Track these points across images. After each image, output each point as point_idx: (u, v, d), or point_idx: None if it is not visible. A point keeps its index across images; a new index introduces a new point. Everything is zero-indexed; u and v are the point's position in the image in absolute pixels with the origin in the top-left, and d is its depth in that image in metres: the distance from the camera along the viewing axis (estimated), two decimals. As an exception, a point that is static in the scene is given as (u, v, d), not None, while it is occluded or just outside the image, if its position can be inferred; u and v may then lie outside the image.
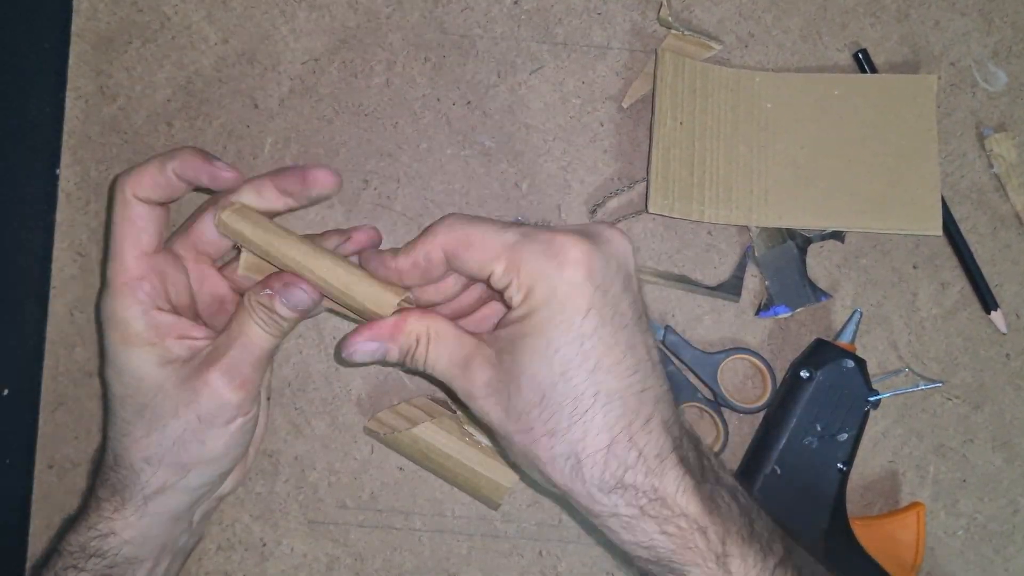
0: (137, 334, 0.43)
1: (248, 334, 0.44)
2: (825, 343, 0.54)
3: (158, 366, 0.43)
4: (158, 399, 0.43)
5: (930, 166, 0.55)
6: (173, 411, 0.43)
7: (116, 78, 0.56)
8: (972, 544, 0.55)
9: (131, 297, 0.43)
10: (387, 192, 0.56)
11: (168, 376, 0.43)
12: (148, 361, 0.43)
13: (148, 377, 0.43)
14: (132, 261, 0.43)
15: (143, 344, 0.43)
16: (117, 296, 0.43)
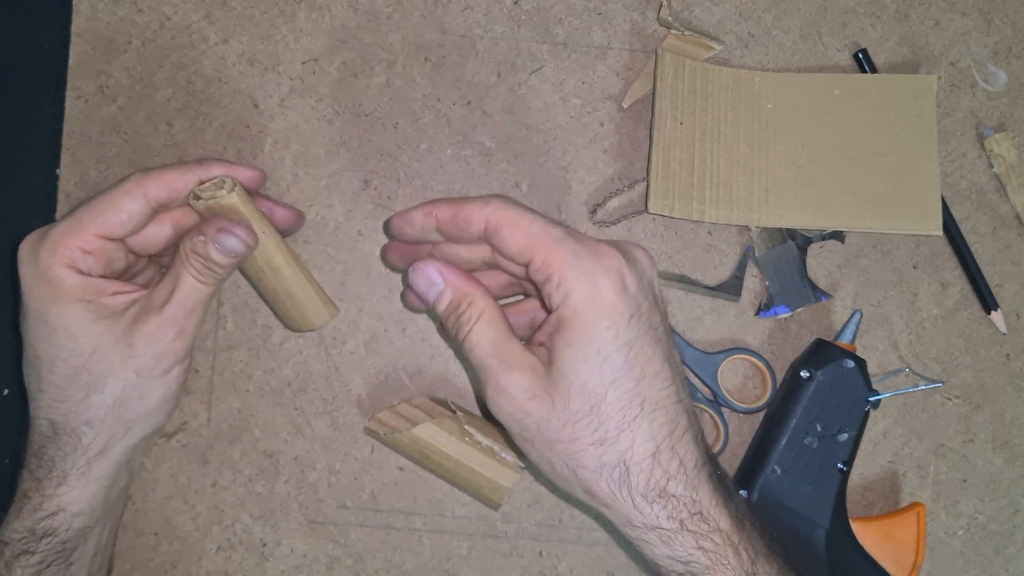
0: (70, 290, 0.42)
1: (184, 284, 0.43)
2: (825, 343, 0.54)
3: (92, 322, 0.42)
4: (94, 359, 0.42)
5: (930, 166, 0.55)
6: (111, 368, 0.43)
7: (116, 78, 0.56)
8: (972, 544, 0.55)
9: (70, 262, 0.42)
10: (387, 192, 0.56)
11: (103, 333, 0.42)
12: (82, 318, 0.42)
13: (82, 335, 0.42)
14: (90, 235, 0.42)
15: (76, 300, 0.42)
16: (55, 254, 0.42)
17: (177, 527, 0.55)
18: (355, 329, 0.56)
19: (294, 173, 0.56)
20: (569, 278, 0.38)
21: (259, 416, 0.55)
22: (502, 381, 0.39)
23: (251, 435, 0.55)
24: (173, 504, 0.55)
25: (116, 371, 0.43)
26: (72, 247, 0.42)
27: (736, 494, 0.42)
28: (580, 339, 0.38)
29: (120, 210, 0.42)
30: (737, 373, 0.56)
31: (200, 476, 0.55)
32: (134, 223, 0.43)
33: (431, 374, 0.56)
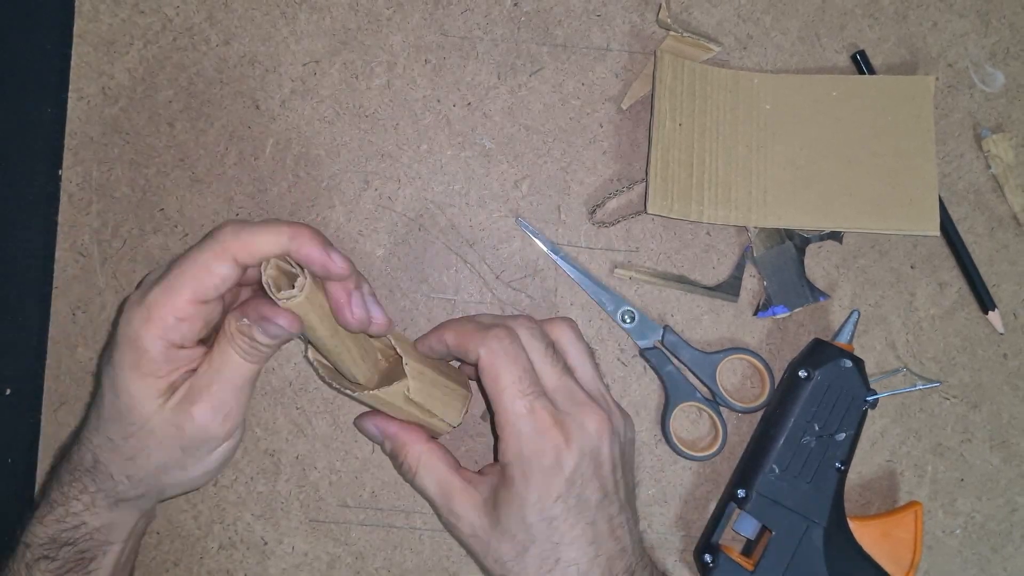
0: (150, 363, 0.42)
1: (229, 364, 0.43)
2: (823, 343, 0.54)
3: (152, 398, 0.43)
4: (144, 431, 0.43)
5: (928, 167, 0.55)
6: (158, 444, 0.44)
7: (118, 79, 0.57)
8: (970, 543, 0.56)
9: (162, 332, 0.42)
10: (388, 192, 0.56)
11: (157, 410, 0.43)
12: (148, 393, 0.43)
13: (141, 407, 0.43)
14: (184, 303, 0.42)
15: (150, 375, 0.43)
16: (149, 325, 0.42)
17: (179, 526, 0.55)
18: (356, 329, 0.56)
19: (295, 174, 0.56)
20: (512, 451, 0.45)
21: (260, 415, 0.56)
22: (450, 517, 0.47)
23: (252, 434, 0.56)
24: (175, 503, 0.55)
25: (162, 446, 0.44)
26: (166, 317, 0.42)
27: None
28: (513, 503, 0.45)
29: (212, 274, 0.42)
30: (735, 373, 0.56)
31: (202, 475, 0.55)
32: (227, 284, 0.42)
33: (431, 374, 0.56)
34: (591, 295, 0.56)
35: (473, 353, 0.46)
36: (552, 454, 0.44)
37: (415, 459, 0.48)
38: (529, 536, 0.45)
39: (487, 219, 0.56)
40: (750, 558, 0.52)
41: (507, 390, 0.45)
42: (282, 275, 0.43)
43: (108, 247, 0.56)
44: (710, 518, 0.55)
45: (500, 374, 0.45)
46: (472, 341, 0.46)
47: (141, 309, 0.42)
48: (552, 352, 0.47)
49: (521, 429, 0.44)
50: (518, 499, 0.45)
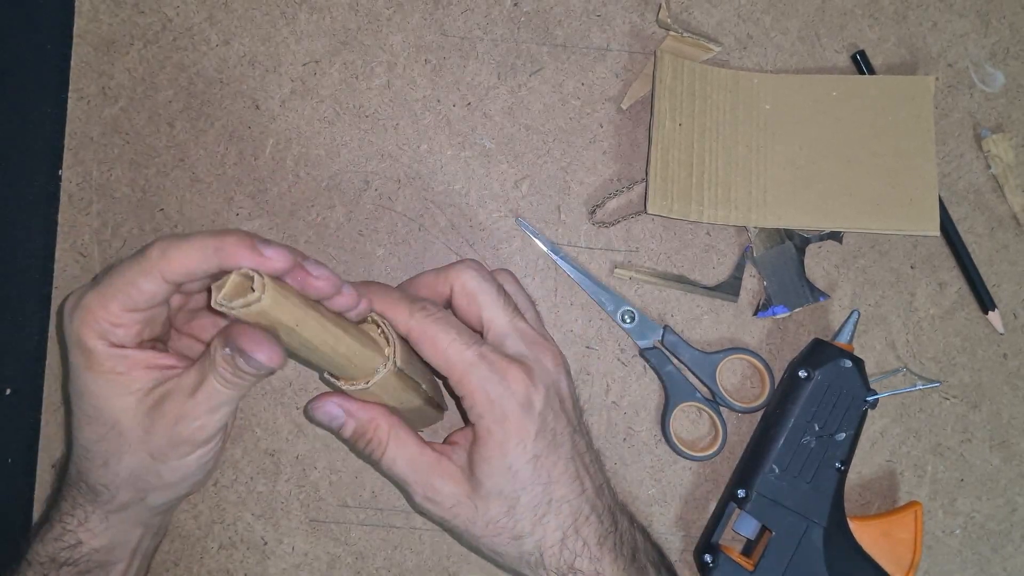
0: (100, 363, 0.41)
1: (208, 390, 0.42)
2: (823, 343, 0.54)
3: (117, 397, 0.42)
4: (112, 433, 0.42)
5: (928, 167, 0.55)
6: (127, 446, 0.42)
7: (118, 79, 0.57)
8: (969, 543, 0.56)
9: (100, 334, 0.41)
10: (388, 193, 0.56)
11: (124, 409, 0.42)
12: (107, 391, 0.42)
13: (105, 408, 0.42)
14: (116, 310, 0.41)
15: (106, 373, 0.41)
16: (85, 327, 0.41)
17: (179, 525, 0.55)
18: (356, 329, 0.56)
19: (295, 174, 0.56)
20: (480, 403, 0.43)
21: (260, 415, 0.56)
22: (428, 493, 0.45)
23: (252, 434, 0.56)
24: (175, 503, 0.55)
25: (132, 449, 0.42)
26: (100, 320, 0.41)
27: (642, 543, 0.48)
28: (493, 455, 0.44)
29: (139, 289, 0.40)
30: (735, 373, 0.56)
31: (202, 475, 0.55)
32: (157, 299, 0.41)
33: (431, 374, 0.56)
34: (591, 295, 0.56)
35: (403, 325, 0.44)
36: (521, 392, 0.44)
37: (384, 435, 0.45)
38: (517, 484, 0.44)
39: (487, 219, 0.56)
40: (750, 558, 0.52)
41: (449, 347, 0.43)
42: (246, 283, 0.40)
43: (108, 247, 0.56)
44: (710, 518, 0.55)
45: (437, 337, 0.44)
46: (399, 313, 0.44)
47: (79, 311, 0.41)
48: (504, 294, 0.46)
49: (481, 376, 0.43)
50: (499, 449, 0.43)
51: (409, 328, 0.44)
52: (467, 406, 0.44)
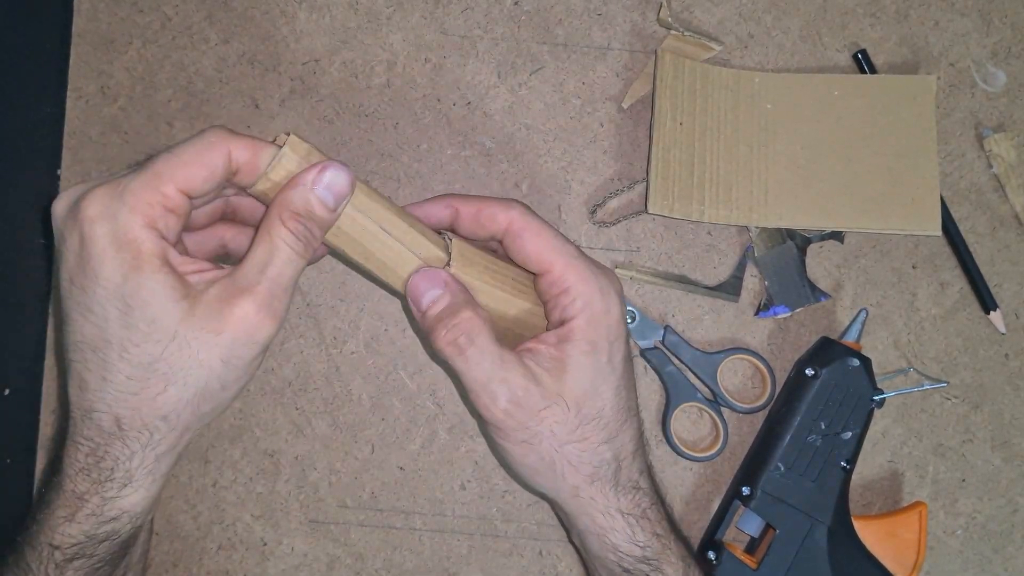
0: (151, 257, 0.36)
1: (279, 256, 0.38)
2: (831, 341, 0.54)
3: (174, 301, 0.37)
4: (173, 346, 0.37)
5: (929, 166, 0.55)
6: (195, 358, 0.37)
7: (117, 78, 0.56)
8: (971, 543, 0.56)
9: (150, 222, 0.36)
10: (387, 192, 0.56)
11: (184, 315, 0.37)
12: (164, 294, 0.36)
13: (163, 316, 0.37)
14: (172, 191, 0.37)
15: (158, 270, 0.36)
16: (135, 212, 0.36)
17: (178, 526, 0.55)
18: (355, 329, 0.56)
19: (295, 173, 0.56)
20: (586, 294, 0.42)
21: (260, 416, 0.55)
22: (516, 396, 0.41)
23: (252, 435, 0.55)
24: (174, 503, 0.55)
25: (201, 361, 0.37)
26: (154, 203, 0.36)
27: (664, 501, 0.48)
28: (596, 350, 0.42)
29: (204, 164, 0.37)
30: (736, 373, 0.56)
31: (201, 475, 0.55)
32: (215, 182, 0.38)
33: (431, 374, 0.56)
34: (592, 295, 0.56)
35: (501, 217, 0.43)
36: (618, 291, 0.43)
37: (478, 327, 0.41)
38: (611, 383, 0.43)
39: (487, 219, 0.56)
40: (754, 556, 0.52)
41: (554, 240, 0.43)
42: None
43: (107, 247, 0.56)
44: (714, 515, 0.55)
45: (542, 230, 0.43)
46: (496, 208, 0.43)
47: (125, 196, 0.36)
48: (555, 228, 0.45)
49: (586, 268, 0.43)
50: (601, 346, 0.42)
51: (510, 220, 0.43)
52: (568, 299, 0.42)
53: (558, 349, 0.42)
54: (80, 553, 0.40)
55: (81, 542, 0.40)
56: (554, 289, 0.43)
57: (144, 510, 0.41)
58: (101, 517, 0.39)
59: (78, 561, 0.40)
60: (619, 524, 0.44)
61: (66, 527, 0.39)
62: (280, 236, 0.38)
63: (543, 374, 0.42)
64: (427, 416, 0.56)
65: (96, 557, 0.40)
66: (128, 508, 0.40)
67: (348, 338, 0.56)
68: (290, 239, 0.38)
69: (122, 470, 0.39)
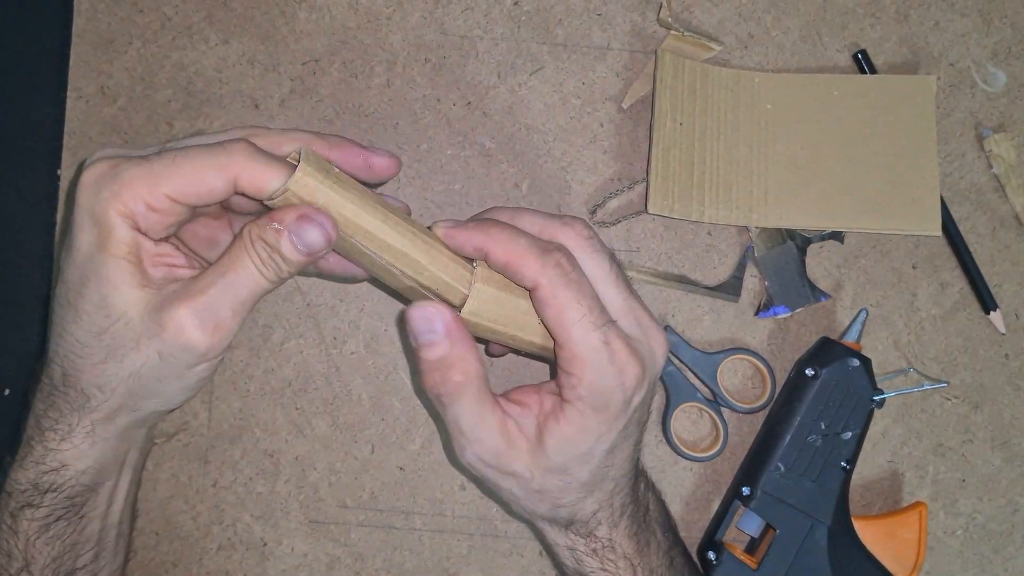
0: (117, 243, 0.37)
1: (239, 273, 0.38)
2: (831, 341, 0.54)
3: (129, 286, 0.38)
4: (119, 324, 0.38)
5: (929, 167, 0.55)
6: (134, 342, 0.38)
7: (117, 79, 0.56)
8: (971, 543, 0.56)
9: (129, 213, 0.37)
10: (387, 192, 0.56)
11: (136, 301, 0.38)
12: (119, 278, 0.38)
13: (115, 296, 0.38)
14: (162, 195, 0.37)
15: (120, 256, 0.38)
16: (116, 199, 0.37)
17: (178, 526, 0.55)
18: (355, 329, 0.56)
19: (295, 173, 0.56)
20: (586, 387, 0.40)
21: (260, 416, 0.55)
22: (484, 455, 0.42)
23: (252, 435, 0.55)
24: (174, 504, 0.55)
25: (139, 346, 0.38)
26: (137, 199, 0.37)
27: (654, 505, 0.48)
28: (578, 436, 0.41)
29: (203, 183, 0.37)
30: (736, 373, 0.56)
31: (201, 476, 0.55)
32: (213, 198, 0.38)
33: (431, 374, 0.56)
34: (592, 295, 0.55)
35: (529, 280, 0.40)
36: (631, 389, 0.41)
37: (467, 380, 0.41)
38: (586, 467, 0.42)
39: (487, 219, 0.56)
40: (754, 556, 0.52)
41: (577, 324, 0.39)
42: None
43: (107, 247, 0.56)
44: (714, 515, 0.55)
45: (567, 307, 0.39)
46: (527, 266, 0.40)
47: (113, 182, 0.37)
48: (616, 269, 0.43)
49: (599, 365, 0.40)
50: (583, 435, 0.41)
51: (537, 285, 0.40)
52: (569, 383, 0.41)
53: (545, 421, 0.42)
54: (28, 502, 0.42)
55: (27, 489, 0.42)
56: (562, 363, 0.41)
57: (87, 469, 0.42)
58: (43, 466, 0.41)
59: (28, 510, 0.42)
60: (565, 553, 0.45)
61: (17, 472, 0.42)
62: (245, 253, 0.38)
63: (520, 441, 0.42)
64: (427, 416, 0.56)
65: (44, 508, 0.42)
66: (68, 462, 0.41)
67: (348, 338, 0.56)
68: (255, 260, 0.38)
69: (64, 423, 0.41)
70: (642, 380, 0.41)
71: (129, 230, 0.38)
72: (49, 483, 0.42)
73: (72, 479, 0.42)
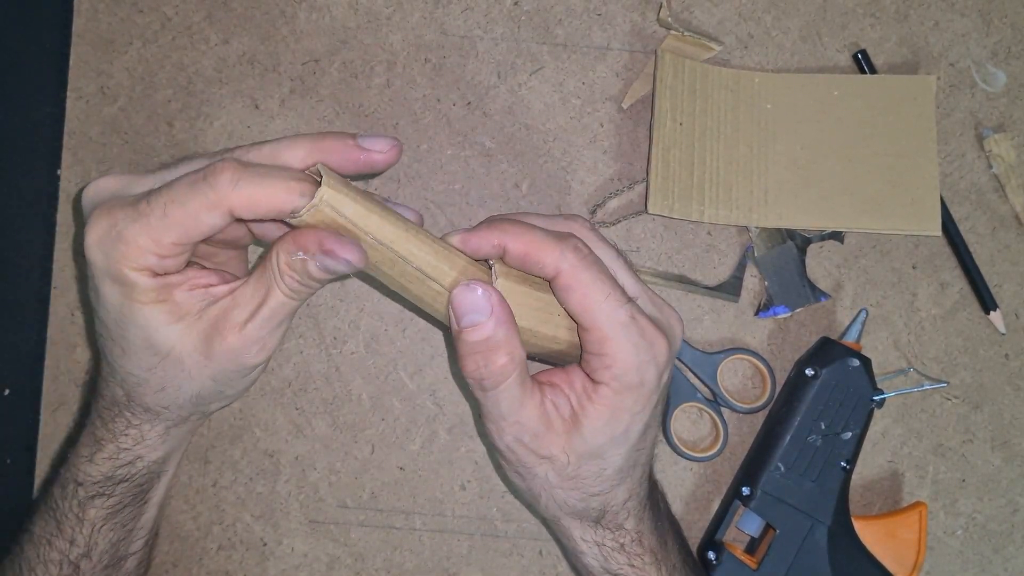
0: (145, 294, 0.38)
1: (272, 302, 0.39)
2: (831, 341, 0.54)
3: (168, 324, 0.38)
4: (169, 361, 0.39)
5: (929, 167, 0.55)
6: (187, 373, 0.40)
7: (117, 79, 0.56)
8: (971, 543, 0.56)
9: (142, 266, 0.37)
10: (387, 192, 0.56)
11: (179, 337, 0.39)
12: (157, 320, 0.38)
13: (157, 337, 0.39)
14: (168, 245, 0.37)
15: (150, 303, 0.38)
16: (127, 259, 0.37)
17: (178, 526, 0.55)
18: (355, 329, 0.56)
19: (295, 173, 0.56)
20: (621, 365, 0.40)
21: (260, 416, 0.55)
22: (522, 437, 0.41)
23: (252, 435, 0.55)
24: (174, 503, 0.55)
25: (192, 377, 0.40)
26: (146, 255, 0.37)
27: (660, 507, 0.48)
28: (615, 416, 0.41)
29: (201, 223, 0.37)
30: (736, 373, 0.56)
31: (201, 476, 0.55)
32: (216, 231, 0.37)
33: (431, 374, 0.56)
34: (592, 295, 0.55)
35: (550, 267, 0.40)
36: (663, 363, 0.41)
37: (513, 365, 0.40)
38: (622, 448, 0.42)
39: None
40: (754, 556, 0.52)
41: (603, 303, 0.39)
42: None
43: (107, 247, 0.56)
44: (714, 515, 0.55)
45: (591, 288, 0.39)
46: (546, 253, 0.40)
47: (119, 244, 0.37)
48: (623, 258, 0.43)
49: (631, 340, 0.40)
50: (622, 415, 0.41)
51: (559, 271, 0.40)
52: (602, 364, 0.40)
53: (579, 403, 0.41)
54: (101, 492, 0.43)
55: (100, 481, 0.43)
56: (592, 347, 0.41)
57: (159, 459, 0.45)
58: (118, 460, 0.43)
59: (99, 499, 0.44)
60: (593, 551, 0.45)
61: (88, 466, 0.43)
62: (276, 280, 0.38)
63: (557, 422, 0.41)
64: (427, 416, 0.56)
65: (115, 497, 0.44)
66: (143, 455, 0.44)
67: (348, 338, 0.56)
68: (285, 288, 0.38)
69: (135, 429, 0.43)
70: (668, 356, 0.42)
71: (150, 279, 0.38)
72: (123, 475, 0.44)
73: (144, 469, 0.44)
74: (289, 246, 0.37)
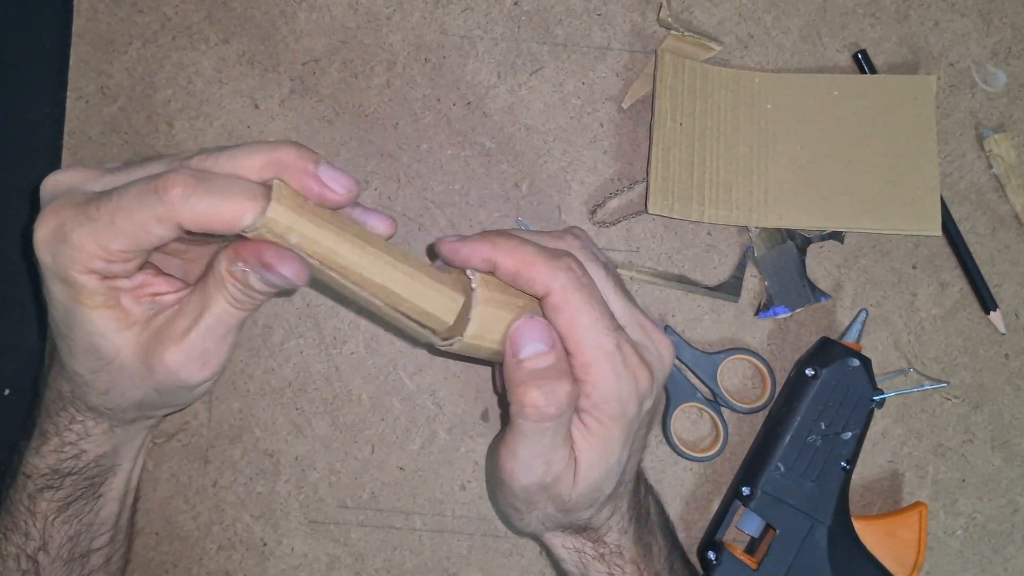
0: (92, 297, 0.37)
1: (215, 309, 0.37)
2: (831, 341, 0.54)
3: (114, 331, 0.38)
4: (113, 367, 0.38)
5: (929, 167, 0.55)
6: (131, 380, 0.39)
7: (116, 79, 0.56)
8: (971, 543, 0.56)
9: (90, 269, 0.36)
10: (387, 192, 0.56)
11: (124, 344, 0.38)
12: (103, 326, 0.37)
13: (103, 342, 0.38)
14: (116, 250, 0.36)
15: (97, 307, 0.37)
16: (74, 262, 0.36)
17: (178, 526, 0.55)
18: (355, 329, 0.56)
19: (294, 173, 0.56)
20: (602, 394, 0.40)
21: (260, 416, 0.55)
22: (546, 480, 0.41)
23: (251, 435, 0.55)
24: (174, 503, 0.55)
25: (136, 384, 0.39)
26: (92, 258, 0.36)
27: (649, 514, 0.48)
28: (606, 448, 0.41)
29: (150, 234, 0.35)
30: (736, 373, 0.56)
31: (201, 476, 0.55)
32: (164, 242, 0.36)
33: (431, 374, 0.56)
34: (592, 295, 0.55)
35: (540, 286, 0.39)
36: (645, 394, 0.41)
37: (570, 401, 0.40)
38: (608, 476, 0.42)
39: (487, 219, 0.56)
40: (754, 556, 0.52)
41: (591, 328, 0.39)
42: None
43: (107, 247, 0.56)
44: (714, 515, 0.55)
45: (580, 312, 0.39)
46: (538, 271, 0.39)
47: (65, 247, 0.36)
48: (615, 276, 0.43)
49: (614, 370, 0.39)
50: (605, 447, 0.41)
51: (549, 291, 0.39)
52: (586, 389, 0.40)
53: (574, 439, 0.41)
54: (48, 484, 0.43)
55: (47, 473, 0.43)
56: (575, 371, 0.40)
57: (105, 453, 0.44)
58: (63, 454, 0.43)
59: (48, 492, 0.43)
60: (573, 557, 0.46)
61: (35, 458, 0.43)
62: (220, 291, 0.37)
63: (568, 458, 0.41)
64: (427, 416, 0.56)
65: (64, 490, 0.43)
66: (86, 449, 0.43)
67: (348, 338, 0.56)
68: (228, 298, 0.37)
69: (79, 425, 0.42)
70: (652, 386, 0.41)
71: (98, 282, 0.37)
72: (69, 468, 0.43)
73: (91, 463, 0.44)
74: (232, 255, 0.36)
